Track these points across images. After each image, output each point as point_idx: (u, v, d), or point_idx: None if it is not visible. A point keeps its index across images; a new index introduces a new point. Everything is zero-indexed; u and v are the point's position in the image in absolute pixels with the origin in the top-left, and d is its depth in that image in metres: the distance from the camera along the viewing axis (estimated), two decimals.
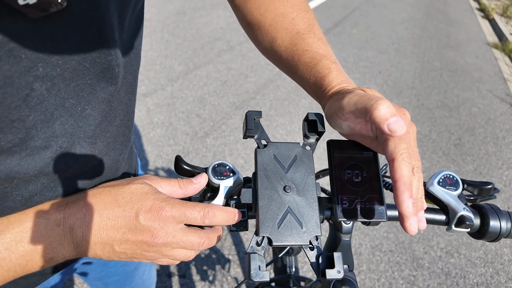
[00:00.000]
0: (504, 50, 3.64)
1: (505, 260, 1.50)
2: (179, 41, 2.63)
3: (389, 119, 0.24)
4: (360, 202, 0.29)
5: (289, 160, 0.29)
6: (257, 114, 0.29)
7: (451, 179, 0.37)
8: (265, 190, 0.28)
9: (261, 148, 0.30)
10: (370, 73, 2.74)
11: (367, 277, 1.34)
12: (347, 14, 3.87)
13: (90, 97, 0.29)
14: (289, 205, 0.28)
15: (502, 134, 2.28)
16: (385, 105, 0.25)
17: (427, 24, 4.06)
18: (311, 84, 0.37)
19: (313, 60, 0.36)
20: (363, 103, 0.26)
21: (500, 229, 0.34)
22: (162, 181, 0.31)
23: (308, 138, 0.31)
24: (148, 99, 2.03)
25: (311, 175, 0.29)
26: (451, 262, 1.45)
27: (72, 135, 0.29)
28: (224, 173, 0.33)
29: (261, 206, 0.27)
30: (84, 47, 0.26)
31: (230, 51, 2.61)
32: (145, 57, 2.38)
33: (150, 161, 1.63)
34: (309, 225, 0.27)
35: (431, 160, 1.96)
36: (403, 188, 0.25)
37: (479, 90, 2.77)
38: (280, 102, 2.19)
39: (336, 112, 0.30)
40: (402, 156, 0.25)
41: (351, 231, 0.36)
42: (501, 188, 1.84)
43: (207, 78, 2.29)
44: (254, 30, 0.43)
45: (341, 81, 0.34)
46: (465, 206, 0.35)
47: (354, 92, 0.28)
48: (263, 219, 0.27)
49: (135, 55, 0.34)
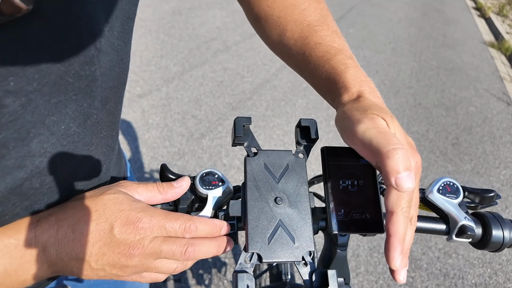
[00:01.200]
0: (500, 49, 3.64)
1: (503, 261, 1.49)
2: (175, 41, 2.61)
3: (400, 173, 0.22)
4: (356, 213, 0.27)
5: (280, 169, 0.27)
6: (246, 120, 0.28)
7: (452, 186, 0.35)
8: (254, 202, 0.26)
9: (251, 157, 0.28)
10: (367, 72, 2.69)
11: (365, 279, 1.33)
12: (343, 14, 3.86)
13: (76, 114, 0.26)
14: (281, 218, 0.26)
15: (499, 133, 2.28)
16: (401, 156, 0.22)
17: (424, 23, 4.06)
18: (323, 81, 0.33)
19: (327, 55, 0.33)
20: (379, 144, 0.23)
21: (503, 239, 0.33)
22: (139, 187, 0.29)
23: (301, 145, 0.29)
24: (143, 100, 2.00)
25: (304, 185, 0.27)
26: (449, 263, 1.44)
27: (53, 154, 0.26)
28: (212, 182, 0.31)
29: (250, 220, 0.25)
30: (63, 59, 0.23)
31: (226, 51, 2.59)
32: (140, 58, 2.35)
33: (145, 163, 1.61)
34: (302, 239, 0.25)
35: (429, 160, 1.95)
36: (396, 244, 0.23)
37: (476, 89, 2.77)
38: (277, 103, 2.18)
39: (346, 131, 0.27)
40: (402, 211, 0.24)
41: (347, 243, 0.35)
42: (499, 188, 1.84)
43: (203, 79, 2.27)
44: (262, 23, 0.39)
45: (360, 82, 0.31)
46: (466, 215, 0.34)
47: (373, 121, 0.25)
48: (253, 234, 0.25)
49: (124, 61, 0.32)
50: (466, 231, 0.32)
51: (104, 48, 0.27)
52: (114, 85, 0.31)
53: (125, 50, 0.32)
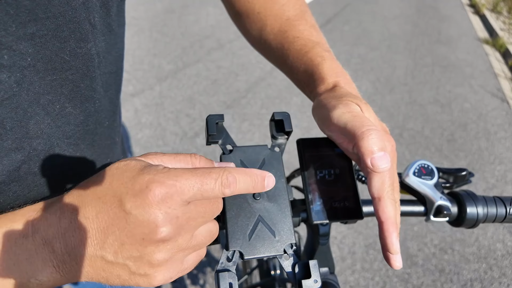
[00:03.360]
0: (494, 46, 3.66)
1: (498, 255, 1.49)
2: (168, 40, 2.59)
3: (375, 153, 0.22)
4: (335, 202, 0.28)
5: (257, 165, 0.27)
6: (219, 118, 0.27)
7: (426, 168, 0.37)
8: (233, 200, 0.25)
9: (227, 154, 0.27)
10: (362, 70, 2.73)
11: (361, 276, 1.33)
12: (338, 11, 3.86)
13: (72, 94, 0.25)
14: (260, 214, 0.25)
15: (494, 129, 2.29)
16: (375, 137, 0.22)
17: (419, 20, 4.07)
18: (301, 74, 0.34)
19: (305, 48, 0.34)
20: (353, 126, 0.24)
21: (477, 215, 0.34)
22: (164, 156, 0.22)
23: (276, 138, 0.29)
24: (136, 99, 1.98)
25: (282, 178, 0.27)
26: (445, 258, 1.44)
27: (50, 136, 0.25)
28: None
29: (229, 218, 0.25)
30: (58, 34, 0.22)
31: (220, 49, 2.58)
32: (133, 57, 2.33)
33: None
34: (283, 233, 0.25)
35: (424, 156, 1.95)
36: (392, 229, 0.23)
37: (470, 86, 2.78)
38: (272, 101, 2.16)
39: (323, 119, 0.28)
40: (388, 194, 0.24)
41: (328, 233, 0.35)
42: (493, 183, 1.84)
43: (197, 77, 2.25)
44: (243, 18, 0.41)
45: (336, 73, 0.31)
46: (442, 195, 0.35)
47: (348, 106, 0.26)
48: (233, 232, 0.24)
49: (119, 47, 0.31)
50: (442, 210, 0.34)
51: (98, 25, 0.26)
52: (113, 70, 0.31)
53: (120, 34, 0.31)
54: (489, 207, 0.34)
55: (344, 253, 1.40)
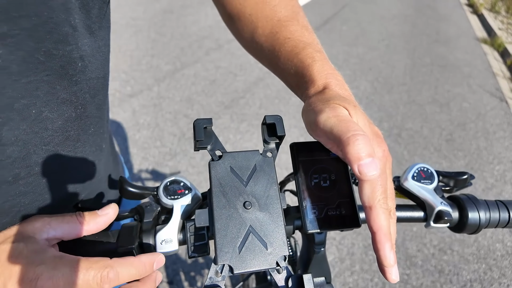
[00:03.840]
0: (493, 45, 3.66)
1: (497, 256, 1.49)
2: (166, 40, 2.57)
3: (362, 160, 0.21)
4: (330, 209, 0.26)
5: (248, 171, 0.26)
6: (206, 122, 0.26)
7: (426, 172, 0.36)
8: (222, 210, 0.24)
9: (215, 161, 0.26)
10: (360, 70, 2.72)
11: (360, 277, 1.32)
12: (336, 11, 3.85)
13: (48, 97, 0.24)
14: (251, 224, 0.24)
15: (493, 129, 2.28)
16: (362, 142, 0.21)
17: (417, 20, 4.07)
18: (292, 76, 0.33)
19: (295, 49, 0.33)
20: (339, 131, 0.23)
21: (479, 220, 0.33)
22: (52, 221, 0.25)
23: (268, 143, 0.28)
24: (133, 99, 1.97)
25: (274, 185, 0.26)
26: (444, 259, 1.43)
27: (26, 142, 0.24)
28: (178, 191, 0.29)
29: (218, 230, 0.23)
30: (33, 34, 0.21)
31: (218, 50, 2.57)
32: (131, 57, 2.32)
33: (136, 164, 1.58)
34: (275, 244, 0.24)
35: (423, 156, 1.95)
36: (384, 240, 0.22)
37: (469, 85, 2.78)
38: (271, 101, 2.16)
39: (310, 124, 0.26)
40: (380, 203, 0.23)
41: (324, 241, 0.34)
42: (492, 183, 1.84)
43: (195, 78, 2.24)
44: (235, 21, 0.40)
45: (326, 74, 0.30)
46: (442, 199, 0.34)
47: (334, 110, 0.24)
48: (222, 245, 0.23)
49: (103, 50, 0.30)
50: (443, 216, 0.32)
51: (80, 28, 0.25)
52: (101, 75, 0.29)
53: (102, 37, 0.30)
54: (492, 212, 0.33)
55: (343, 254, 1.39)
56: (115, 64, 2.23)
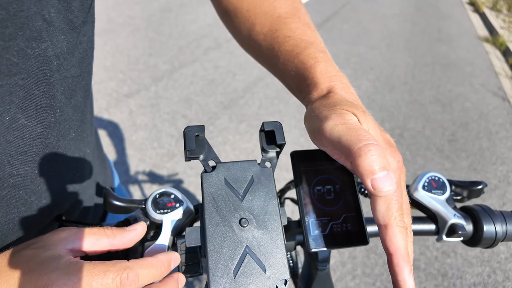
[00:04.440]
0: (494, 44, 3.63)
1: (501, 259, 1.46)
2: (164, 39, 2.54)
3: (376, 173, 0.18)
4: (335, 225, 0.24)
5: (244, 184, 0.23)
6: (198, 130, 0.23)
7: (437, 181, 0.33)
8: (215, 228, 0.21)
9: (208, 172, 0.23)
10: (362, 69, 2.69)
11: (362, 281, 1.29)
12: (337, 9, 3.82)
13: (25, 103, 0.22)
14: (248, 244, 0.21)
15: (495, 129, 2.26)
16: (375, 153, 0.19)
17: (418, 19, 4.04)
18: (293, 78, 0.30)
19: (296, 48, 0.30)
20: (348, 141, 0.20)
21: (495, 234, 0.31)
22: (78, 231, 0.24)
23: (267, 152, 0.25)
24: (130, 100, 1.94)
25: (273, 199, 0.23)
26: (448, 262, 1.41)
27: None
28: (168, 204, 0.27)
29: (210, 251, 0.21)
30: (0, 31, 0.19)
31: (217, 49, 2.53)
32: (128, 56, 2.28)
33: (132, 166, 1.55)
34: (275, 267, 0.21)
35: (425, 157, 1.92)
36: (403, 263, 0.20)
37: (471, 85, 2.75)
38: (270, 101, 2.13)
39: (314, 132, 0.24)
40: (396, 221, 0.20)
41: (328, 258, 0.31)
42: (496, 184, 1.81)
43: (194, 77, 2.21)
44: (231, 17, 0.37)
45: (331, 77, 0.27)
46: (455, 211, 0.32)
47: (342, 117, 0.22)
48: (214, 269, 0.20)
49: (84, 46, 0.27)
50: (456, 230, 0.30)
51: (56, 22, 0.22)
52: (77, 74, 0.27)
53: (85, 32, 0.27)
54: (509, 224, 0.31)
55: (344, 258, 1.36)
56: (112, 63, 2.20)
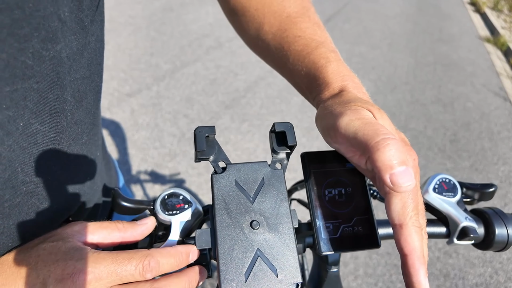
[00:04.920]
0: (496, 44, 3.63)
1: (503, 259, 1.46)
2: (166, 39, 2.54)
3: (394, 168, 0.18)
4: (346, 227, 0.24)
5: (255, 186, 0.23)
6: (209, 131, 0.23)
7: (448, 183, 0.33)
8: (226, 230, 0.21)
9: (219, 173, 0.23)
10: (363, 69, 2.69)
11: (364, 282, 1.29)
12: (339, 9, 3.81)
13: (39, 107, 0.21)
14: (259, 247, 0.21)
15: (497, 129, 2.25)
16: (394, 148, 0.18)
17: (420, 19, 4.03)
18: (303, 77, 0.30)
19: (307, 48, 0.30)
20: (365, 136, 0.20)
21: (508, 237, 0.30)
22: (91, 225, 0.24)
23: (277, 153, 0.25)
24: (132, 99, 1.94)
25: (284, 202, 0.23)
26: (450, 262, 1.41)
27: (12, 160, 0.21)
28: (176, 205, 0.27)
29: (221, 254, 0.21)
30: (16, 31, 0.18)
31: (219, 48, 2.53)
32: (130, 56, 2.28)
33: (134, 166, 1.55)
34: (286, 270, 0.21)
35: (427, 157, 1.92)
36: (418, 264, 0.19)
37: (472, 85, 2.74)
38: (272, 100, 2.12)
39: (328, 130, 0.24)
40: (412, 221, 0.19)
41: (339, 261, 0.31)
42: (498, 185, 1.81)
43: (195, 77, 2.21)
44: (239, 16, 0.37)
45: (343, 76, 0.27)
46: (467, 214, 0.31)
47: (357, 112, 0.22)
48: (226, 272, 0.20)
49: (93, 47, 0.27)
50: (468, 233, 0.30)
51: (69, 22, 0.22)
52: (86, 75, 0.26)
53: (94, 32, 0.26)
54: None
55: (346, 258, 1.36)
56: (113, 63, 2.20)
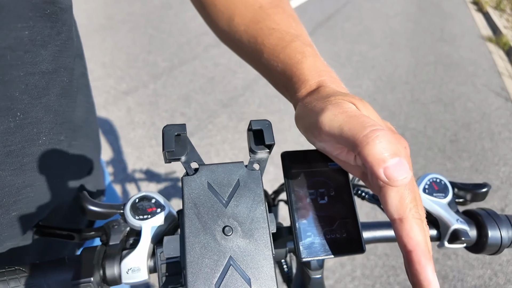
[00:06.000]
0: (498, 44, 3.59)
1: (503, 261, 1.44)
2: (164, 36, 2.52)
3: (387, 161, 0.16)
4: (329, 232, 0.22)
5: (229, 188, 0.21)
6: (179, 129, 0.21)
7: (439, 183, 0.32)
8: (195, 237, 0.19)
9: (190, 175, 0.21)
10: (363, 68, 2.66)
11: (361, 283, 1.27)
12: (339, 8, 3.78)
13: None
14: (231, 255, 0.19)
15: (498, 129, 2.23)
16: (384, 139, 0.17)
17: (421, 18, 4.00)
18: (279, 74, 0.28)
19: (282, 42, 0.28)
20: (351, 130, 0.18)
21: (501, 240, 0.29)
22: None
23: (255, 153, 0.23)
24: (129, 97, 1.92)
25: (260, 205, 0.21)
26: (448, 264, 1.39)
27: None
28: (148, 209, 0.25)
29: (190, 262, 0.19)
30: None
31: (217, 46, 2.51)
32: (127, 54, 2.26)
33: (130, 164, 1.53)
34: (261, 279, 0.19)
35: (427, 157, 1.89)
36: (424, 260, 0.17)
37: (474, 85, 2.72)
38: (270, 99, 2.10)
39: (311, 128, 0.22)
40: (412, 213, 0.18)
41: (322, 266, 0.29)
42: (498, 186, 1.79)
43: (193, 75, 2.19)
44: (208, 6, 0.34)
45: (320, 72, 0.25)
46: (458, 216, 0.30)
47: (340, 106, 0.20)
48: (194, 282, 0.18)
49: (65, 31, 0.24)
50: (460, 236, 0.29)
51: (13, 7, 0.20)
52: (49, 70, 0.24)
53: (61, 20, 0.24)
54: None
55: (343, 259, 1.34)
56: (110, 60, 2.18)
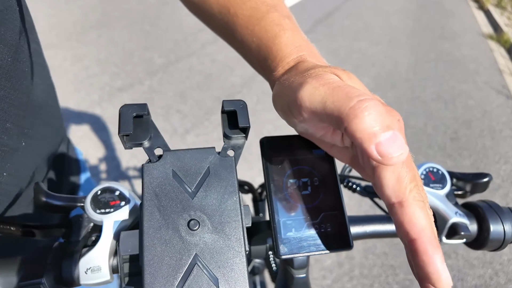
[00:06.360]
0: (499, 41, 3.56)
1: (504, 260, 1.42)
2: (160, 33, 2.49)
3: (379, 135, 0.14)
4: (312, 226, 0.20)
5: (197, 177, 0.18)
6: (138, 109, 0.18)
7: (436, 173, 0.29)
8: (156, 233, 0.17)
9: (153, 162, 0.18)
10: (363, 65, 2.64)
11: (359, 283, 1.25)
12: (339, 5, 3.75)
13: None
14: (197, 252, 0.17)
15: (499, 127, 2.20)
16: (374, 111, 0.14)
17: (421, 15, 3.97)
18: (254, 51, 0.25)
19: (257, 13, 0.25)
20: (335, 103, 0.15)
21: (504, 234, 0.26)
22: None
23: (230, 138, 0.20)
24: (124, 94, 1.89)
25: (233, 195, 0.18)
26: (448, 263, 1.36)
27: None
28: (111, 202, 0.22)
29: (148, 261, 0.16)
30: None
31: (215, 43, 2.48)
32: (123, 50, 2.23)
33: (123, 162, 1.51)
34: (231, 280, 0.17)
35: (427, 155, 1.87)
36: (432, 249, 0.14)
37: (475, 82, 2.69)
38: (268, 96, 2.07)
39: (290, 108, 0.19)
40: (413, 194, 0.15)
41: (307, 264, 0.26)
42: (499, 184, 1.76)
43: (190, 72, 2.16)
44: None
45: (298, 47, 0.22)
46: (457, 208, 0.27)
47: (321, 78, 0.17)
48: (152, 283, 0.16)
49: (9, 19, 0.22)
50: (459, 230, 0.26)
51: None
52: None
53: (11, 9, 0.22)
54: None
55: (341, 258, 1.32)
56: (105, 56, 2.15)
